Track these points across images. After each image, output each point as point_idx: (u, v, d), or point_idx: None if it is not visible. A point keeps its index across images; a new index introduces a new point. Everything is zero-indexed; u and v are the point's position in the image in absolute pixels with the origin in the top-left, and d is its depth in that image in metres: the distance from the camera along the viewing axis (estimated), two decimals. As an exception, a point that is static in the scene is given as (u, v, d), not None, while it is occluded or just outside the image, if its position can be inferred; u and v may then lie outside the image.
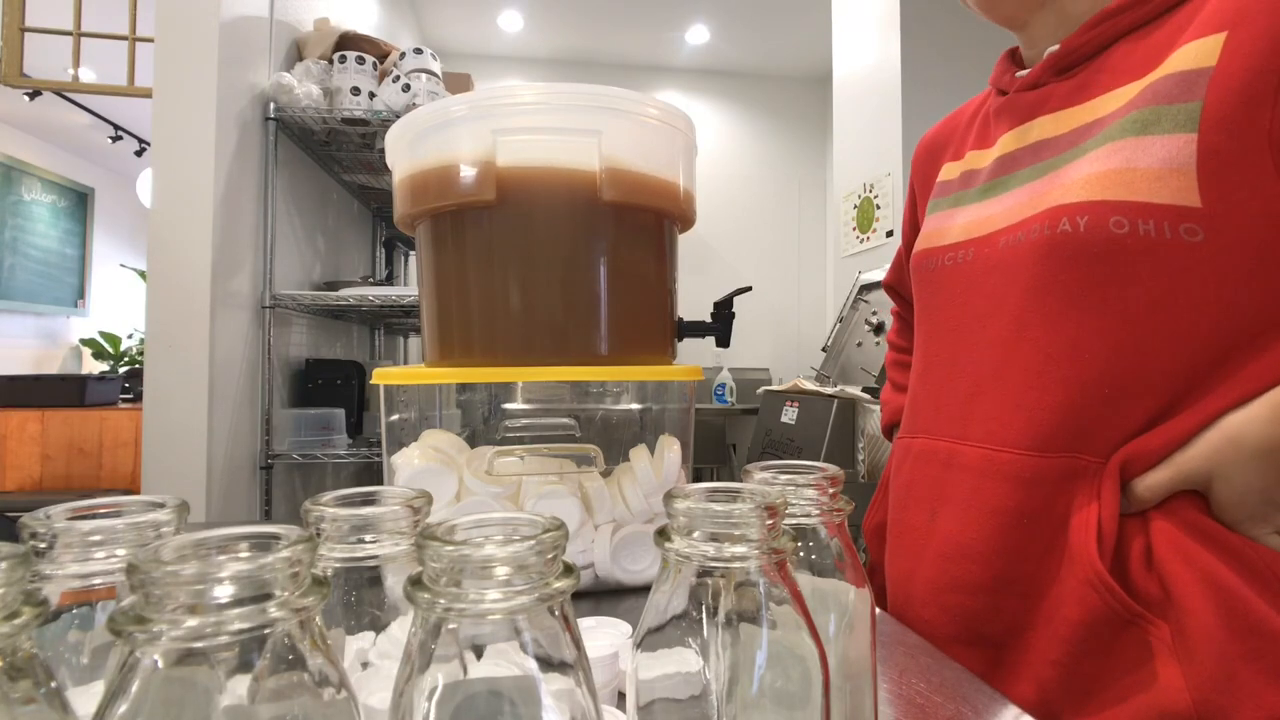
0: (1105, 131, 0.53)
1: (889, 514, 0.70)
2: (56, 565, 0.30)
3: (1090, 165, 0.52)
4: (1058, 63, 0.59)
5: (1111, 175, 0.50)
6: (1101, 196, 0.51)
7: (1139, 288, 0.50)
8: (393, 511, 0.34)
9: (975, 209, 0.63)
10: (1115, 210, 0.50)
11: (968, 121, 0.72)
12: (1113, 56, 0.56)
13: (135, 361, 4.23)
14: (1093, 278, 0.51)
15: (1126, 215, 0.49)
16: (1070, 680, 0.51)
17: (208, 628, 0.20)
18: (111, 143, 4.39)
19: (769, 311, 4.33)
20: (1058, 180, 0.55)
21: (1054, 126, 0.58)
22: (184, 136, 1.51)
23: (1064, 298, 0.53)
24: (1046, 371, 0.54)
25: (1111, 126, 0.52)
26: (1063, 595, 0.52)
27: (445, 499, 0.64)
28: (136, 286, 4.89)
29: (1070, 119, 0.57)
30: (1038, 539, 0.53)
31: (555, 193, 0.66)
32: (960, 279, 0.62)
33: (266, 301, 1.72)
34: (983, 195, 0.63)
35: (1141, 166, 0.49)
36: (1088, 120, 0.56)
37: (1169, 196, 0.48)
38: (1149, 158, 0.49)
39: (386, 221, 2.77)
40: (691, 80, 4.38)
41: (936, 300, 0.66)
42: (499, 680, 0.23)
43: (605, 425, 0.79)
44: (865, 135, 2.86)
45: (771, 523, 0.28)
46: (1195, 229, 0.48)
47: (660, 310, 0.75)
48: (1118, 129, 0.52)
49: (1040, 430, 0.53)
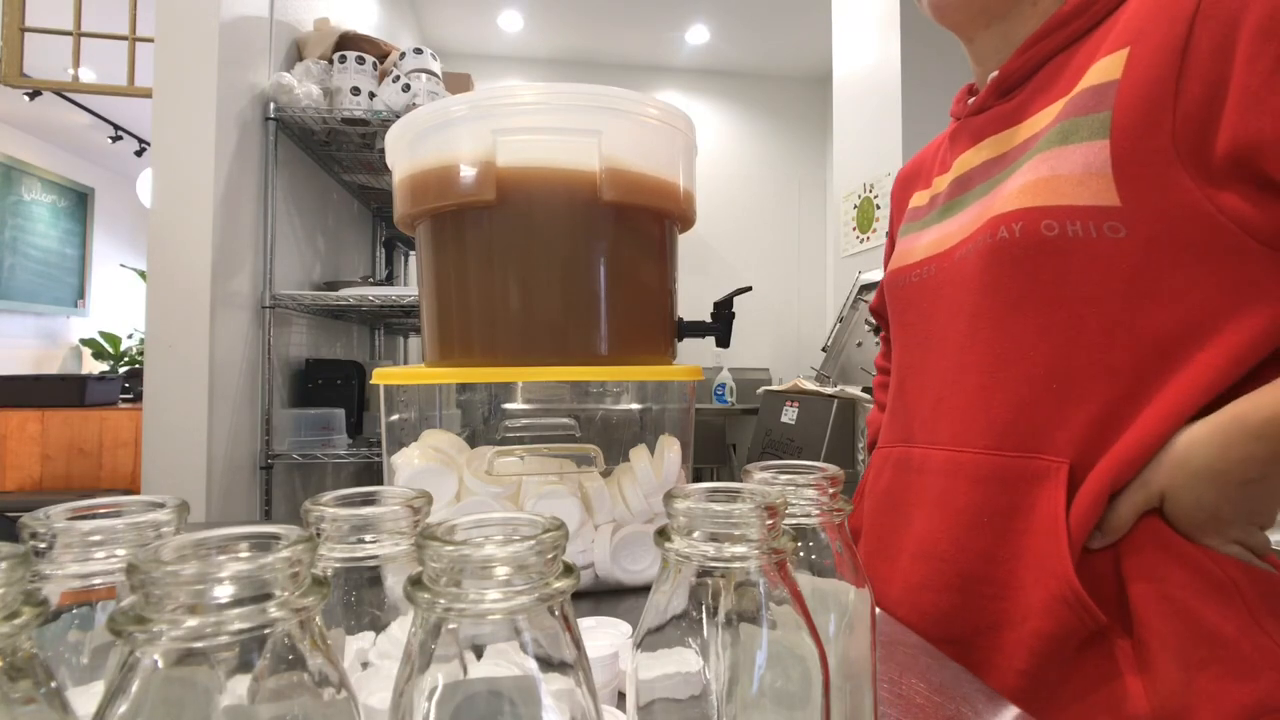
0: (1036, 145, 0.57)
1: (865, 521, 0.73)
2: (56, 565, 0.30)
3: (1023, 177, 0.57)
4: (998, 86, 0.64)
5: (1040, 184, 0.55)
6: (1033, 203, 0.55)
7: (1074, 286, 0.53)
8: (393, 511, 0.34)
9: (936, 229, 0.68)
10: (1045, 215, 0.54)
11: (934, 152, 0.77)
12: (1043, 77, 0.61)
13: (135, 361, 4.23)
14: (1031, 279, 0.55)
15: (1056, 218, 0.53)
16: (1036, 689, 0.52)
17: (208, 628, 0.20)
18: (111, 143, 4.39)
19: (769, 311, 4.33)
20: (998, 194, 0.59)
21: (998, 146, 0.63)
22: (184, 136, 1.51)
23: (1008, 300, 0.56)
24: (998, 371, 0.57)
25: (1040, 140, 0.57)
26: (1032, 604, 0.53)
27: (445, 499, 0.64)
28: (136, 286, 4.89)
29: (1011, 138, 0.62)
30: (1004, 539, 0.56)
31: (555, 193, 0.66)
32: (925, 293, 0.67)
33: (266, 301, 1.72)
34: (942, 216, 0.68)
35: (1064, 173, 0.53)
36: (1025, 137, 0.60)
37: (1091, 198, 0.52)
38: (1070, 164, 0.53)
39: (386, 221, 2.77)
40: (691, 80, 4.38)
41: (906, 317, 0.70)
42: (499, 680, 0.23)
43: (605, 425, 0.79)
44: (865, 135, 2.86)
45: (771, 523, 0.28)
46: (1118, 226, 0.51)
47: (660, 310, 0.75)
48: (1044, 142, 0.56)
49: (996, 428, 0.57)
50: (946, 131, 0.76)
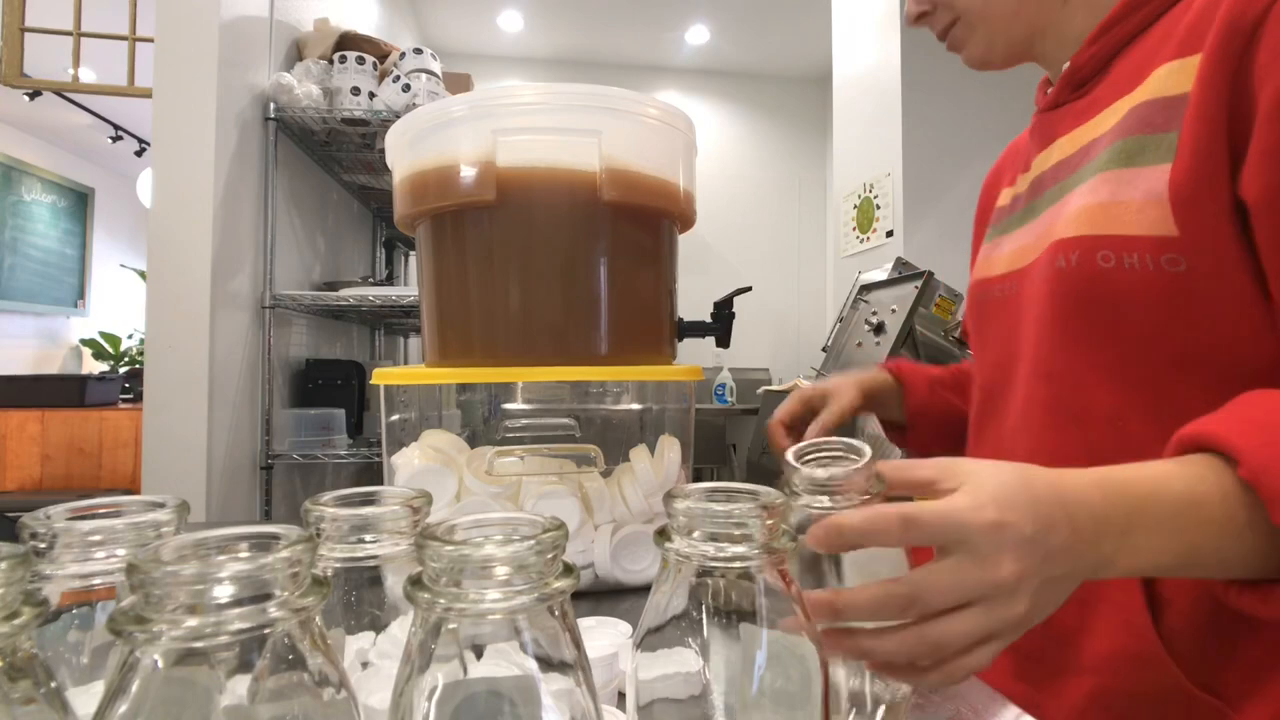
0: (1097, 159, 0.53)
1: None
2: (56, 565, 0.30)
3: (1083, 197, 0.53)
4: (1071, 79, 0.60)
5: (1098, 209, 0.51)
6: (1090, 231, 0.51)
7: (1133, 323, 0.49)
8: (393, 511, 0.34)
9: (1016, 236, 0.64)
10: (1102, 245, 0.50)
11: (1018, 147, 0.72)
12: (1115, 69, 0.56)
13: (135, 361, 4.23)
14: (1088, 314, 0.51)
15: (1113, 249, 0.49)
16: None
17: (208, 628, 0.20)
18: (111, 143, 4.39)
19: (769, 311, 4.33)
20: (1062, 210, 0.55)
21: (1069, 145, 0.59)
22: (184, 136, 1.51)
23: (1067, 334, 0.53)
24: (1060, 410, 0.54)
25: (1101, 154, 0.53)
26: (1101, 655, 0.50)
27: (445, 499, 0.64)
28: (136, 286, 4.89)
29: (1080, 137, 0.57)
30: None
31: (555, 193, 0.66)
32: (1004, 313, 0.63)
33: (266, 302, 1.72)
34: (1021, 221, 0.64)
35: (1125, 199, 0.49)
36: (1092, 138, 0.56)
37: (1149, 227, 0.47)
38: (1133, 190, 0.49)
39: (386, 221, 2.77)
40: (691, 80, 4.38)
41: (986, 334, 0.67)
42: (499, 680, 0.23)
43: (605, 425, 0.79)
44: (865, 135, 2.86)
45: (771, 523, 0.28)
46: (1177, 259, 0.47)
47: (660, 310, 0.75)
48: (1106, 158, 0.52)
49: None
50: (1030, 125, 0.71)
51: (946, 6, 0.63)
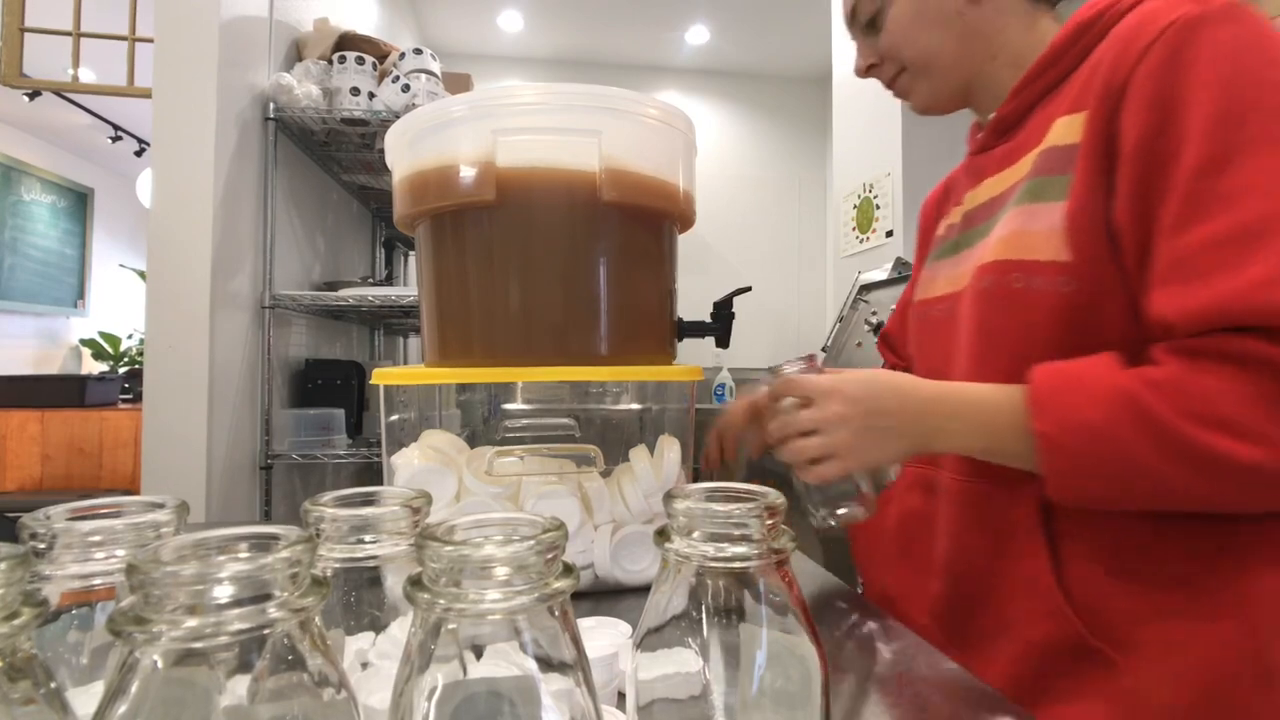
0: (1015, 195, 0.62)
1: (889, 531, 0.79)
2: (56, 565, 0.30)
3: (1003, 228, 0.62)
4: (996, 127, 0.69)
5: (1012, 238, 0.60)
6: (1005, 256, 0.60)
7: (1043, 338, 0.57)
8: (392, 512, 0.34)
9: (953, 262, 0.72)
10: (1015, 269, 0.59)
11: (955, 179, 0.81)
12: (1032, 120, 0.65)
13: (135, 362, 4.23)
14: (1005, 330, 0.60)
15: (1023, 272, 0.58)
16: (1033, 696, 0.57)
17: (207, 628, 0.20)
18: (111, 143, 4.38)
19: (769, 311, 4.32)
20: (987, 241, 0.65)
21: (996, 186, 0.67)
22: (184, 136, 1.51)
23: (989, 346, 0.62)
24: None
25: (1018, 192, 0.62)
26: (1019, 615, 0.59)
27: (445, 499, 0.64)
28: (136, 286, 4.88)
29: (1005, 180, 0.66)
30: (996, 556, 0.61)
31: (555, 193, 0.66)
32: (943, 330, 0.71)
33: (266, 302, 1.72)
34: (955, 249, 0.72)
35: (1032, 230, 0.58)
36: (1012, 182, 0.64)
37: (1051, 254, 0.56)
38: (1038, 222, 0.58)
39: (386, 221, 2.77)
40: (691, 80, 4.38)
41: (925, 348, 0.76)
42: (499, 680, 0.23)
43: (605, 425, 0.79)
44: (865, 135, 2.85)
45: (771, 523, 0.28)
46: (1070, 280, 0.56)
47: (660, 310, 0.75)
48: (1021, 194, 0.61)
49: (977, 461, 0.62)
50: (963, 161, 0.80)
51: (893, 60, 0.72)
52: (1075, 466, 0.51)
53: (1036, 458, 0.53)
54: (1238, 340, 0.47)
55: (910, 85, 0.73)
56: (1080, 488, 0.52)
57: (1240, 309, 0.47)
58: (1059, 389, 0.52)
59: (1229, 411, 0.47)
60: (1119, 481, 0.50)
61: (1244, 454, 0.46)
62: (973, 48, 0.69)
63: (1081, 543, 0.57)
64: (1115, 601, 0.55)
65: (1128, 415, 0.49)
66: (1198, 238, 0.49)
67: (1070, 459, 0.51)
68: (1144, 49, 0.53)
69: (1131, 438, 0.49)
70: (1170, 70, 0.51)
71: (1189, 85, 0.50)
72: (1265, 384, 0.46)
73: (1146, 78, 0.52)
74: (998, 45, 0.68)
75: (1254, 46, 0.50)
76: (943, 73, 0.70)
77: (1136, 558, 0.55)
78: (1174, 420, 0.47)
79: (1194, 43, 0.51)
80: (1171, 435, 0.47)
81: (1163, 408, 0.48)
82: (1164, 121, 0.51)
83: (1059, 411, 0.51)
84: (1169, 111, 0.51)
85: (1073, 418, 0.51)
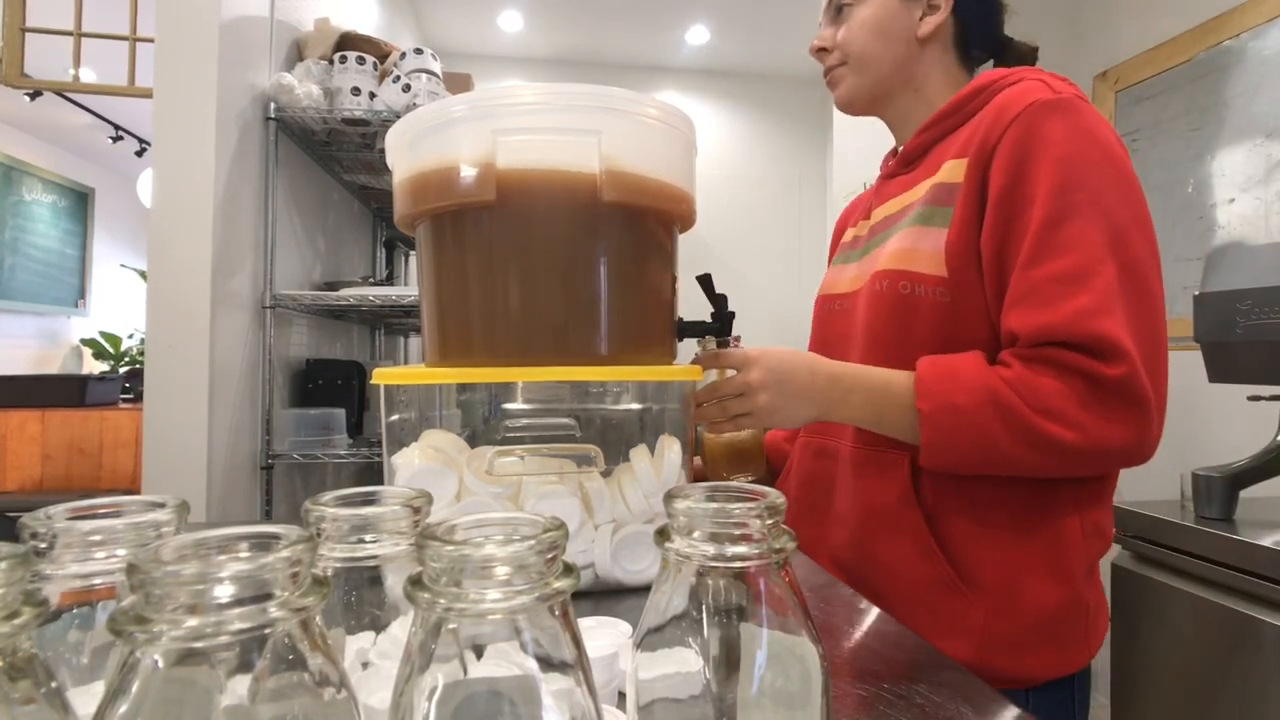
0: (908, 218, 0.77)
1: (793, 494, 0.92)
2: (56, 565, 0.30)
3: (897, 242, 0.76)
4: (904, 158, 0.85)
5: (904, 251, 0.74)
6: (897, 266, 0.74)
7: (919, 335, 0.72)
8: (393, 511, 0.34)
9: (855, 265, 0.87)
10: (903, 277, 0.73)
11: (865, 198, 0.96)
12: (931, 155, 0.79)
13: (135, 361, 4.23)
14: (891, 325, 0.75)
15: (910, 281, 0.73)
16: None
17: (208, 628, 0.20)
18: (111, 143, 4.38)
19: (769, 311, 4.32)
20: (883, 250, 0.78)
21: (895, 206, 0.82)
22: (184, 136, 1.51)
23: (878, 339, 0.76)
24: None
25: (911, 215, 0.76)
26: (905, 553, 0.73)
27: (445, 499, 0.64)
28: (136, 286, 4.89)
29: (904, 201, 0.80)
30: (883, 511, 0.75)
31: (555, 193, 0.66)
32: (841, 320, 0.86)
33: (267, 301, 1.72)
34: (859, 255, 0.87)
35: (920, 248, 0.73)
36: (907, 204, 0.79)
37: (933, 269, 0.71)
38: (924, 242, 0.73)
39: (386, 221, 2.77)
40: (691, 80, 4.38)
41: (825, 336, 0.90)
42: (499, 680, 0.23)
43: (605, 425, 0.79)
44: (865, 135, 2.85)
45: (772, 523, 0.28)
46: (945, 292, 0.71)
47: (660, 310, 0.75)
48: (915, 216, 0.75)
49: (865, 433, 0.77)
50: (875, 185, 0.95)
51: (841, 51, 0.85)
52: (946, 440, 0.66)
53: (917, 431, 0.67)
54: (1064, 353, 0.63)
55: (840, 77, 0.87)
56: (947, 457, 0.67)
57: (1065, 331, 0.63)
58: (938, 376, 0.67)
59: (1056, 405, 0.63)
60: (977, 452, 0.65)
61: (1067, 436, 0.62)
62: (904, 72, 0.83)
63: (947, 498, 0.72)
64: (971, 547, 0.70)
65: (989, 403, 0.64)
66: (1042, 274, 0.65)
67: (942, 433, 0.66)
68: (1010, 120, 0.68)
69: (989, 420, 0.64)
70: (1025, 144, 0.67)
71: (1037, 159, 0.66)
72: (1079, 386, 0.63)
73: (1010, 144, 0.68)
74: (921, 80, 0.84)
75: (1086, 133, 0.67)
76: (872, 77, 0.84)
77: (985, 511, 0.70)
78: (1022, 409, 0.63)
79: (1045, 124, 0.67)
80: (1018, 419, 0.63)
81: (1015, 400, 0.63)
82: (1019, 182, 0.67)
83: (937, 396, 0.66)
84: (1022, 175, 0.67)
85: (947, 401, 0.66)
